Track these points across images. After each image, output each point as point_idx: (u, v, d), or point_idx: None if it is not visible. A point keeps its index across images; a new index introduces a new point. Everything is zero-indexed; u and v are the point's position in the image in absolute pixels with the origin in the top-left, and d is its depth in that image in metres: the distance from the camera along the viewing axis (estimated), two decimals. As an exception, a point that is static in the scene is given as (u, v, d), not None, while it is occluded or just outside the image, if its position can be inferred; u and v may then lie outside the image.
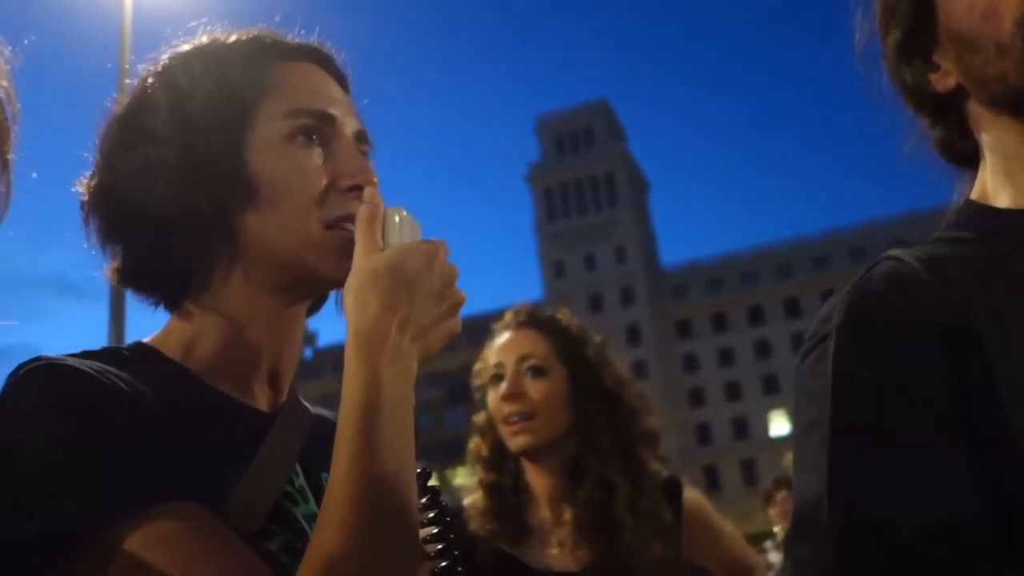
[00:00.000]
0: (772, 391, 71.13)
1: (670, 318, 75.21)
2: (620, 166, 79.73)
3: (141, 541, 0.74)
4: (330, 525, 0.77)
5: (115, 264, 0.95)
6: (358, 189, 0.93)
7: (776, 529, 4.97)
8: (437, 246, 0.89)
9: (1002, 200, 0.86)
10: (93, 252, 0.96)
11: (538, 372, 1.85)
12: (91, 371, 0.81)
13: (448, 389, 60.62)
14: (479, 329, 2.27)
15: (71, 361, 0.82)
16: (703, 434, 71.35)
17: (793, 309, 72.04)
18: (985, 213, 0.86)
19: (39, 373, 0.81)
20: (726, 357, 73.08)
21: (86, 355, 0.86)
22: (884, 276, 0.79)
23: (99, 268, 0.97)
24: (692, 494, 1.96)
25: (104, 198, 0.93)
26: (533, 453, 1.84)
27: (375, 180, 0.95)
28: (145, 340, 0.96)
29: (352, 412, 0.80)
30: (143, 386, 0.83)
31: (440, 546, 0.98)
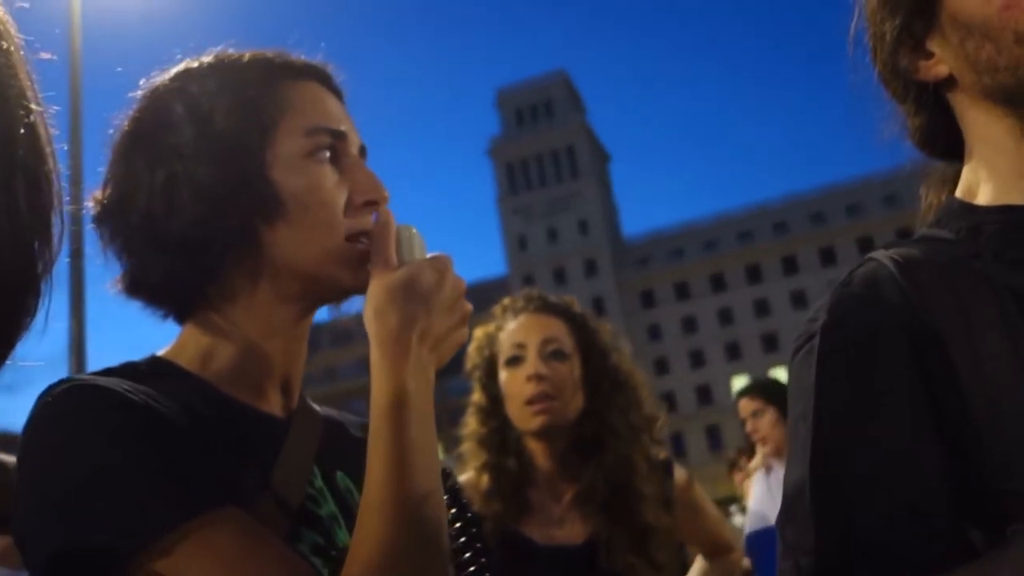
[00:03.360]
0: (735, 357, 72.17)
1: (634, 288, 75.79)
2: (581, 138, 79.77)
3: (186, 551, 0.77)
4: (372, 522, 0.82)
5: (129, 276, 0.97)
6: (372, 204, 0.99)
7: (740, 493, 5.22)
8: (447, 262, 0.95)
9: (984, 195, 0.89)
10: (108, 263, 0.98)
11: (560, 356, 1.92)
12: (121, 390, 0.84)
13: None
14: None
15: (100, 381, 0.85)
16: (668, 402, 72.20)
17: (754, 275, 72.97)
18: (964, 211, 0.89)
19: (71, 395, 0.83)
20: (689, 325, 73.87)
21: (109, 372, 0.89)
22: (863, 279, 0.85)
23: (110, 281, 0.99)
24: (681, 474, 2.06)
25: (123, 212, 0.95)
26: (548, 433, 1.91)
27: (387, 196, 1.00)
28: (160, 353, 0.98)
29: (383, 419, 0.86)
30: (169, 400, 0.86)
31: (463, 539, 1.05)
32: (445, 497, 0.96)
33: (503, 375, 1.95)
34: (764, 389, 4.03)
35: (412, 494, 0.83)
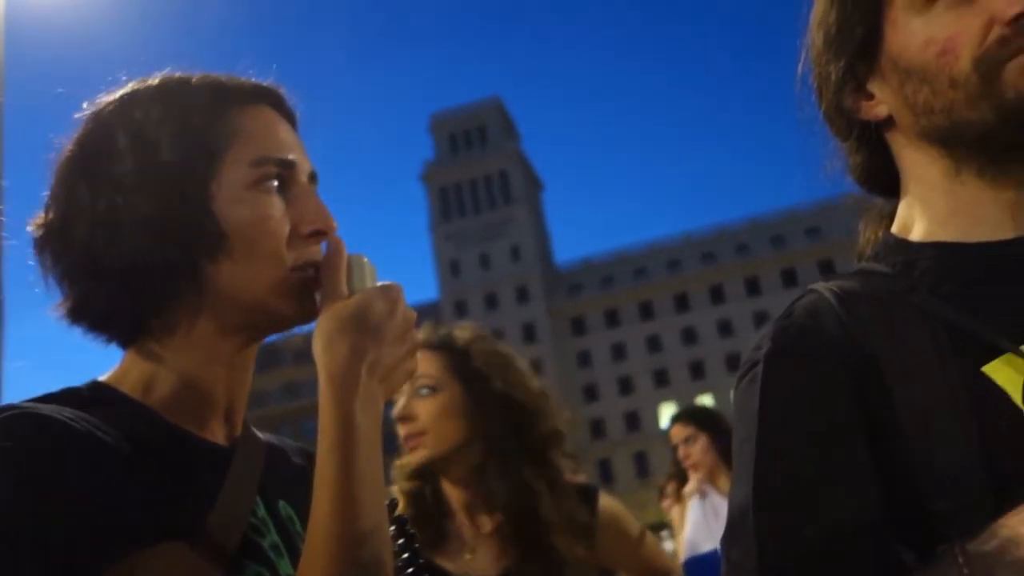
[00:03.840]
0: (662, 384, 73.14)
1: (564, 315, 76.35)
2: (514, 165, 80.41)
3: None
4: (317, 558, 0.82)
5: (70, 303, 0.95)
6: (319, 234, 0.97)
7: (669, 519, 5.31)
8: (398, 291, 0.94)
9: (917, 231, 0.94)
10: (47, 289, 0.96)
11: (428, 390, 1.94)
12: (62, 418, 0.82)
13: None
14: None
15: (44, 409, 0.83)
16: (597, 428, 72.76)
17: (682, 304, 74.24)
18: (899, 247, 0.95)
19: (14, 423, 0.81)
20: (618, 352, 74.68)
21: (49, 399, 0.88)
22: (805, 310, 0.90)
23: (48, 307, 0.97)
24: (608, 501, 2.05)
25: (64, 239, 0.93)
26: (436, 466, 1.94)
27: (335, 225, 0.98)
28: (101, 379, 0.97)
29: (331, 452, 0.86)
30: (112, 428, 0.85)
31: (410, 570, 1.07)
32: (392, 528, 0.94)
33: None
34: (697, 416, 4.12)
35: (358, 531, 0.83)
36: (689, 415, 4.16)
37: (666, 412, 73.70)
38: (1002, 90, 0.85)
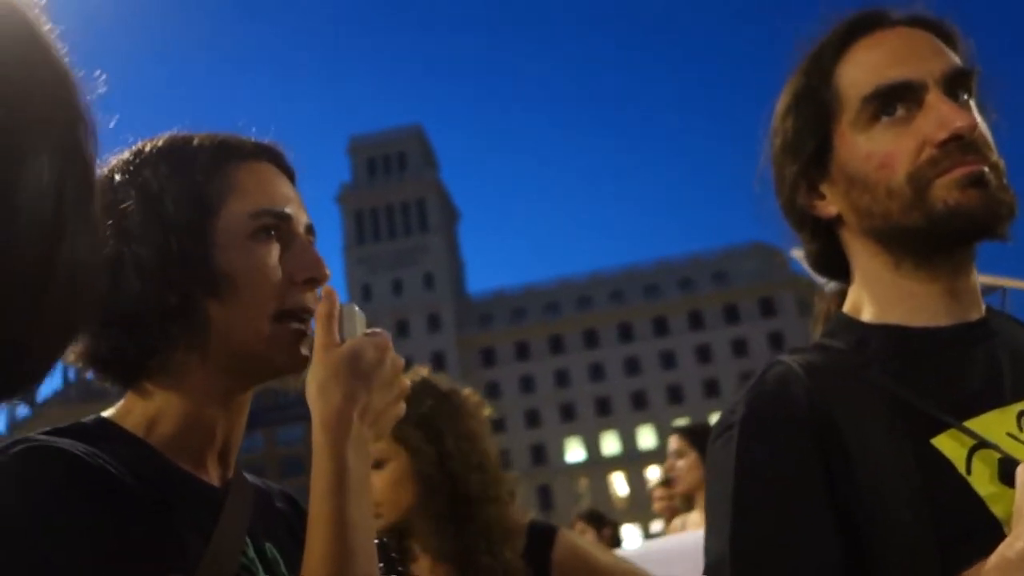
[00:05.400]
0: (569, 418, 73.64)
1: (475, 345, 76.35)
2: (432, 193, 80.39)
3: None
4: None
5: (81, 349, 1.00)
6: (312, 282, 1.03)
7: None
8: (386, 340, 1.00)
9: (867, 313, 1.06)
10: None
11: (377, 465, 1.87)
12: (78, 453, 0.87)
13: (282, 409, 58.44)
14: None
15: (60, 443, 0.88)
16: (504, 459, 71.64)
17: (591, 340, 75.10)
18: (852, 326, 1.06)
19: (32, 455, 0.86)
20: (527, 385, 74.97)
21: (60, 432, 0.92)
22: (775, 379, 1.00)
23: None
24: (565, 539, 2.05)
25: None
26: (396, 534, 1.90)
27: (328, 274, 1.05)
28: (105, 415, 1.02)
29: (325, 495, 0.92)
30: (118, 463, 0.89)
31: None
32: (381, 566, 1.00)
33: None
34: (694, 433, 4.11)
35: (351, 572, 0.89)
36: (688, 431, 4.14)
37: (571, 446, 74.25)
38: (931, 203, 0.97)
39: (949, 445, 0.92)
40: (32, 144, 0.43)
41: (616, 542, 5.25)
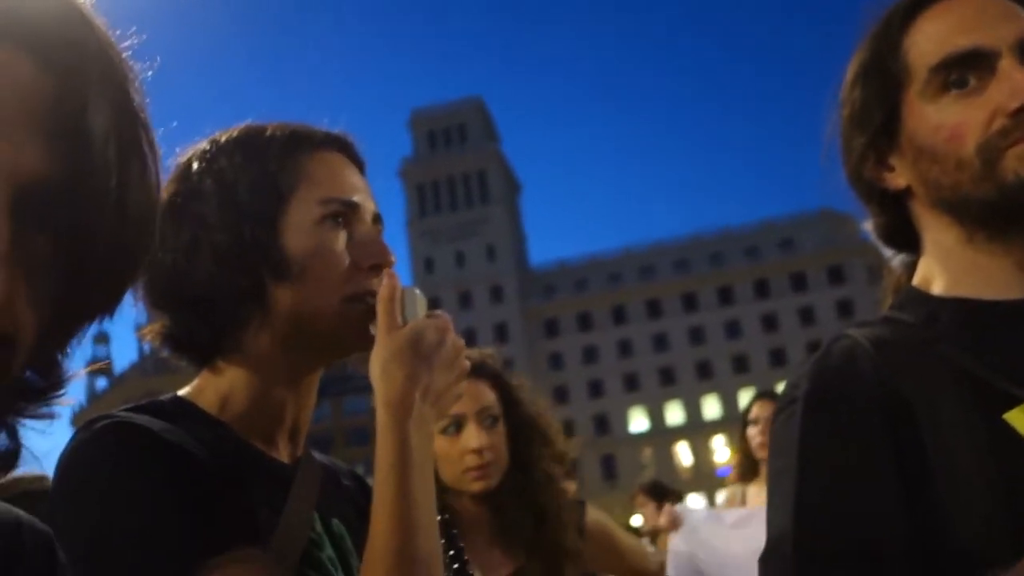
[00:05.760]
0: (632, 388, 73.49)
1: (538, 317, 76.45)
2: (493, 165, 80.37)
3: None
4: (376, 571, 0.91)
5: (159, 328, 1.07)
6: (378, 268, 1.07)
7: (637, 525, 5.43)
8: (447, 321, 1.04)
9: (937, 286, 1.03)
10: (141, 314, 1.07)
11: (495, 422, 2.01)
12: (156, 430, 0.92)
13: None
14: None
15: (138, 419, 0.94)
16: (566, 430, 70.73)
17: (654, 309, 74.61)
18: (922, 299, 1.03)
19: (111, 431, 0.92)
20: (590, 355, 74.93)
21: (139, 409, 0.98)
22: (841, 352, 0.98)
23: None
24: (594, 514, 2.19)
25: (153, 271, 1.03)
26: (484, 494, 1.99)
27: (393, 260, 1.09)
28: (181, 393, 1.07)
29: (389, 474, 0.95)
30: (194, 440, 0.95)
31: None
32: (442, 540, 1.01)
33: (438, 441, 1.98)
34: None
35: (414, 546, 0.92)
36: (774, 395, 4.11)
37: (635, 416, 74.11)
38: (1003, 174, 0.94)
39: (1022, 420, 0.89)
40: (94, 92, 0.50)
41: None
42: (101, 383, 68.94)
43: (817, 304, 69.98)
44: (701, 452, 68.99)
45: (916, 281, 1.07)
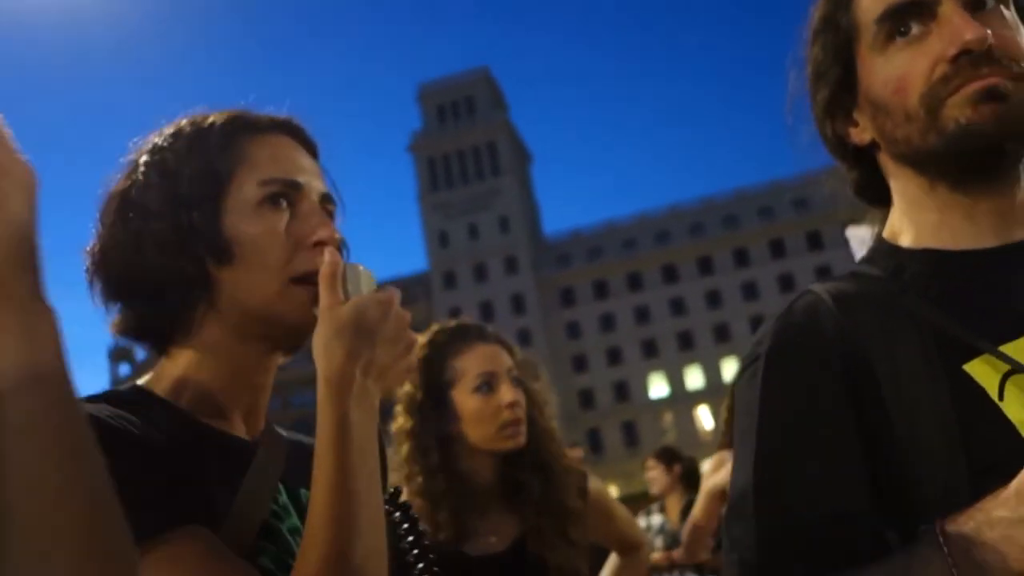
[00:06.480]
0: (651, 355, 73.42)
1: (553, 286, 76.34)
2: (502, 136, 79.92)
3: (156, 564, 0.85)
4: (316, 543, 0.92)
5: (116, 320, 1.08)
6: (321, 244, 1.06)
7: (655, 492, 5.34)
8: (391, 295, 1.02)
9: (906, 239, 1.03)
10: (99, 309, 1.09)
11: (518, 382, 2.09)
12: (102, 416, 0.92)
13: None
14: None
15: (87, 408, 0.88)
16: (586, 398, 73.12)
17: (670, 274, 74.33)
18: (890, 251, 1.04)
19: None
20: (607, 323, 74.85)
21: (94, 399, 0.99)
22: (803, 309, 0.98)
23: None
24: (595, 484, 2.24)
25: (104, 264, 1.06)
26: (503, 453, 2.05)
27: (336, 236, 1.08)
28: (140, 382, 1.09)
29: (327, 450, 0.95)
30: (146, 426, 0.95)
31: (416, 551, 1.17)
32: (397, 515, 1.02)
33: (471, 401, 2.04)
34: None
35: (352, 518, 0.92)
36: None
37: (655, 382, 74.12)
38: (944, 123, 0.94)
39: (982, 370, 0.89)
40: None
41: (689, 478, 5.12)
42: (124, 369, 69.61)
43: (833, 262, 69.33)
44: (722, 415, 68.96)
45: (885, 234, 1.07)
